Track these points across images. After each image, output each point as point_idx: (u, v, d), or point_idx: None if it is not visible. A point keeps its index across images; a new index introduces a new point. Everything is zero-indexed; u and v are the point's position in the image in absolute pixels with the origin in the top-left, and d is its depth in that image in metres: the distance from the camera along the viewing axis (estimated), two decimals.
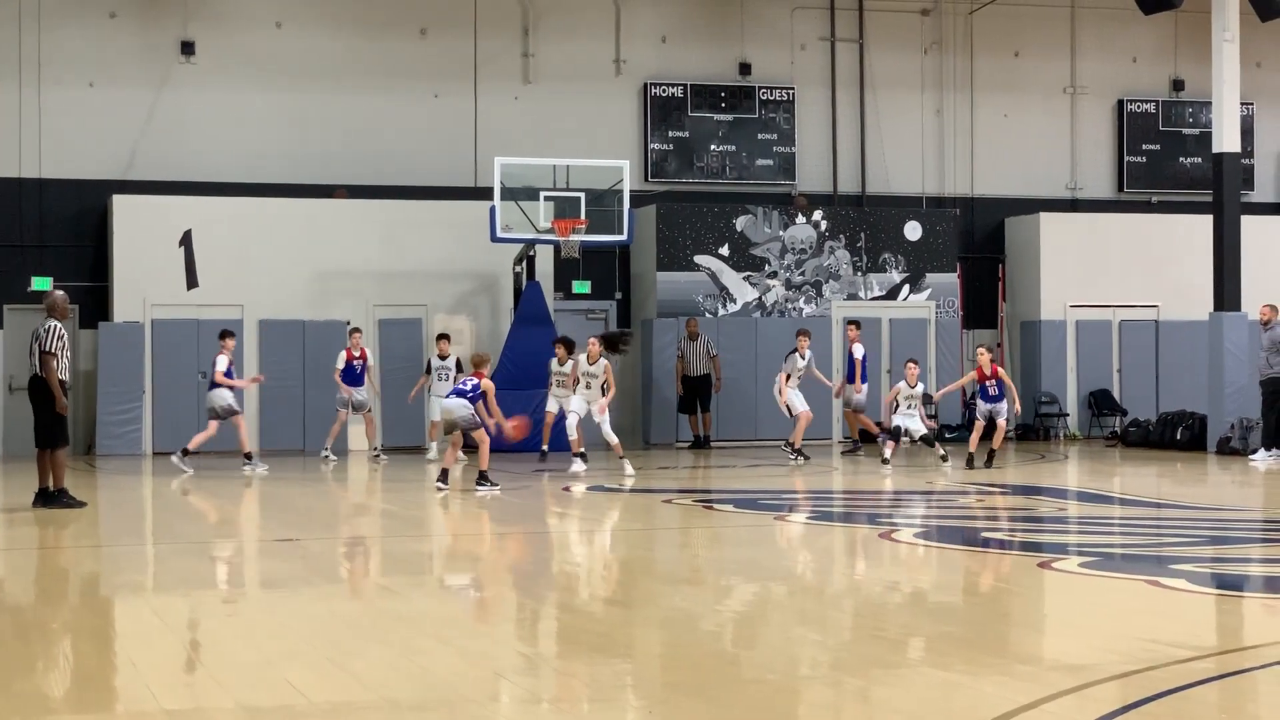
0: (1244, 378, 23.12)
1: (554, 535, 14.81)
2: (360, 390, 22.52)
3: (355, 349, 22.53)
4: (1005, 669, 7.80)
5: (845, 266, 26.80)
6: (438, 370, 22.71)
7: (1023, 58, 29.05)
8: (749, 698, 7.27)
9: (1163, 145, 29.44)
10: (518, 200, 23.77)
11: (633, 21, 27.30)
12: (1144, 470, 21.16)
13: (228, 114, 25.66)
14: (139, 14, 25.47)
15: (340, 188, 25.68)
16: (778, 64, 27.91)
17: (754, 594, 10.72)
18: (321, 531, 15.02)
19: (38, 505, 15.74)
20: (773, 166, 27.76)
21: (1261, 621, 9.58)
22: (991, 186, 28.82)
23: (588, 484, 18.72)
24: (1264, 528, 14.54)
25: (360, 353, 22.50)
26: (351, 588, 11.38)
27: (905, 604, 10.23)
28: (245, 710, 6.97)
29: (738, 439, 24.67)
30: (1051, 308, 27.53)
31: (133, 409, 24.18)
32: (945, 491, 18.20)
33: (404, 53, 26.37)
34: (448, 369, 22.69)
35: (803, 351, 22.44)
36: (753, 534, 14.32)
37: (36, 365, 15.74)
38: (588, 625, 9.47)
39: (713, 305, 26.17)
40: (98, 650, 8.77)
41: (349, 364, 22.44)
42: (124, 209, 24.49)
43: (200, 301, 24.59)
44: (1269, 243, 27.21)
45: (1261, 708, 7.24)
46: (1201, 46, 25.37)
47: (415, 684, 7.52)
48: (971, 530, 14.30)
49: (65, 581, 11.72)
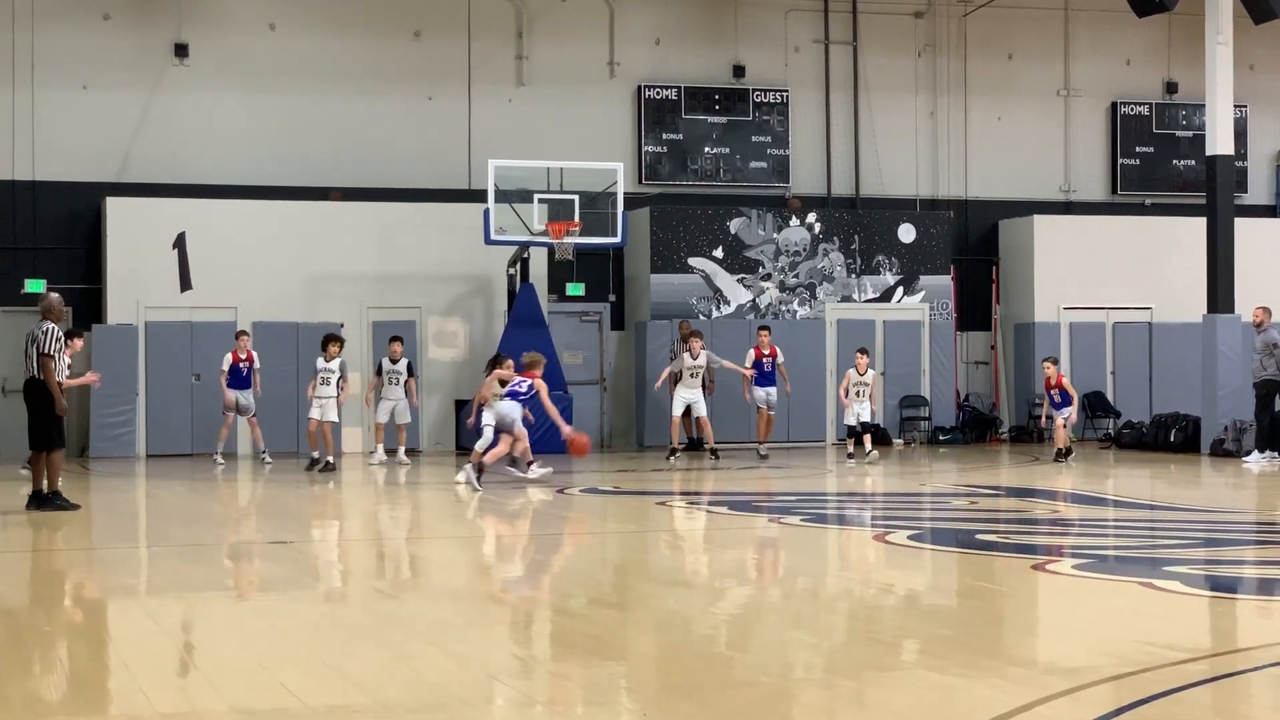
0: (1237, 380, 23.15)
1: (548, 537, 14.80)
2: (246, 393, 22.50)
3: (242, 351, 22.49)
4: (999, 671, 7.80)
5: (839, 269, 26.81)
6: (388, 374, 22.45)
7: (1016, 60, 29.07)
8: (743, 700, 7.27)
9: (1156, 148, 29.46)
10: (512, 203, 23.77)
11: (626, 24, 27.31)
12: (1137, 472, 21.17)
13: (221, 116, 25.65)
14: (133, 16, 25.45)
15: (334, 190, 25.67)
16: (772, 66, 27.92)
17: (748, 596, 10.72)
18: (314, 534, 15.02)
19: (32, 508, 15.72)
20: (767, 169, 27.77)
21: (1255, 623, 9.60)
22: (985, 189, 28.84)
23: (582, 486, 18.71)
24: (1257, 530, 14.56)
25: (247, 355, 22.45)
26: (345, 590, 11.38)
27: (899, 606, 10.23)
28: (239, 713, 6.97)
29: (732, 441, 24.64)
30: (1045, 310, 27.54)
31: (126, 411, 24.16)
32: (939, 493, 18.21)
33: (398, 55, 26.37)
34: (399, 373, 22.49)
35: (695, 352, 22.69)
36: (747, 536, 14.32)
37: (33, 368, 15.73)
38: (582, 628, 9.47)
39: (706, 307, 26.17)
40: (91, 653, 8.76)
41: (234, 366, 22.42)
42: (117, 211, 24.48)
43: (194, 304, 24.58)
44: (1262, 245, 27.24)
45: (1255, 710, 7.25)
46: (1195, 49, 25.41)
47: (409, 687, 7.51)
48: (966, 532, 14.30)
49: (59, 584, 11.71)
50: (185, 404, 24.44)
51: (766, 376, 23.42)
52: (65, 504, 15.77)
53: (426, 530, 15.58)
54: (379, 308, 25.27)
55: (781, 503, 17.32)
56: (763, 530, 14.65)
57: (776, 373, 23.41)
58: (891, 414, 26.71)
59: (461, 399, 25.13)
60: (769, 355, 23.38)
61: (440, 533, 15.35)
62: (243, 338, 22.72)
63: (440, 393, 25.47)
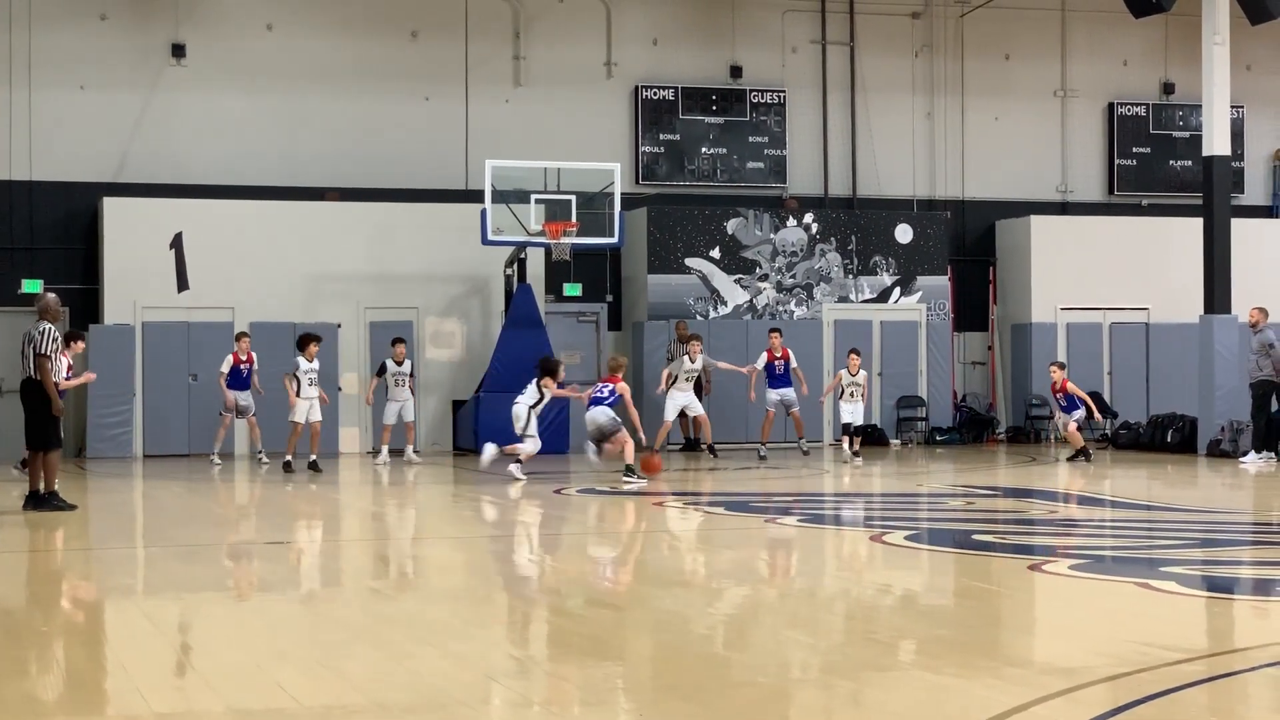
0: (1234, 380, 23.16)
1: (544, 537, 14.80)
2: (245, 395, 22.53)
3: (243, 353, 22.51)
4: (996, 671, 7.80)
5: (836, 269, 26.82)
6: (394, 375, 22.53)
7: (1013, 61, 29.08)
8: (740, 701, 7.27)
9: (1153, 148, 29.48)
10: (509, 203, 23.76)
11: (623, 24, 27.31)
12: (1134, 473, 21.18)
13: (219, 116, 25.65)
14: (130, 16, 25.45)
15: (331, 190, 25.66)
16: (769, 67, 27.93)
17: (745, 596, 10.73)
18: (311, 534, 15.02)
19: (28, 508, 15.72)
20: (763, 169, 27.78)
21: (1251, 624, 9.60)
22: (982, 189, 28.85)
23: (578, 486, 18.71)
24: (1254, 530, 14.57)
25: (248, 357, 22.48)
26: (341, 590, 11.37)
27: (896, 606, 10.23)
28: (235, 713, 6.97)
29: (729, 441, 24.66)
30: (1042, 310, 27.56)
31: (123, 412, 24.16)
32: (936, 494, 18.22)
33: (395, 55, 26.36)
34: (404, 374, 22.64)
35: (694, 356, 22.71)
36: (744, 536, 14.32)
37: (30, 368, 15.72)
38: (578, 628, 9.47)
39: (704, 308, 26.18)
40: (88, 653, 8.76)
41: (235, 368, 22.44)
42: (114, 211, 24.48)
43: (191, 304, 24.59)
44: (1259, 246, 27.27)
45: (1251, 710, 7.25)
46: (1192, 49, 25.44)
47: (406, 687, 7.51)
48: (962, 533, 14.31)
49: (56, 584, 11.71)
50: (182, 404, 24.45)
51: (780, 379, 23.34)
52: (62, 504, 15.76)
53: (424, 531, 15.58)
54: (376, 308, 25.28)
55: (779, 503, 17.32)
56: (760, 531, 14.65)
57: (791, 375, 23.36)
58: (889, 414, 26.73)
59: (459, 399, 25.15)
60: (781, 357, 23.33)
61: (438, 533, 15.35)
62: (243, 339, 22.71)
63: (438, 393, 25.48)
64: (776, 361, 23.32)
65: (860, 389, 22.88)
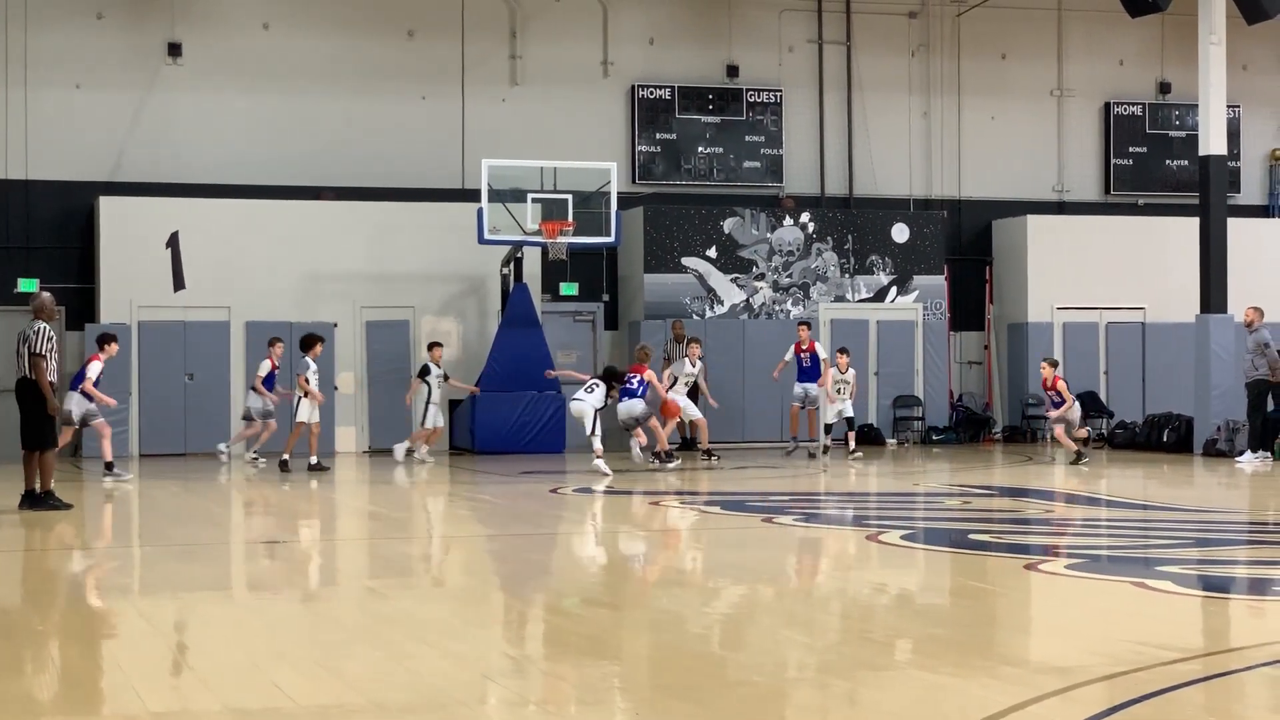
0: (1230, 380, 23.17)
1: (541, 537, 14.80)
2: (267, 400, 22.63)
3: (277, 359, 22.56)
4: (992, 671, 7.81)
5: (833, 269, 26.83)
6: (436, 377, 23.14)
7: (1010, 60, 29.09)
8: (737, 700, 7.28)
9: (1149, 148, 29.50)
10: (505, 202, 23.77)
11: (620, 23, 27.31)
12: (1130, 472, 21.19)
13: (215, 116, 25.63)
14: (126, 15, 25.43)
15: (327, 190, 25.65)
16: (765, 66, 27.93)
17: (741, 596, 10.73)
18: (308, 533, 15.02)
19: (24, 507, 15.71)
20: (760, 168, 27.77)
21: (1247, 623, 9.61)
22: (979, 189, 28.86)
23: (574, 486, 18.72)
24: (1250, 530, 14.58)
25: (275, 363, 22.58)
26: (339, 590, 11.37)
27: (892, 606, 10.24)
28: (232, 712, 6.97)
29: (726, 441, 24.65)
30: (1038, 310, 27.57)
31: (119, 411, 24.10)
32: (932, 493, 18.22)
33: (391, 55, 26.36)
34: (442, 375, 23.28)
35: (694, 359, 22.84)
36: (740, 536, 14.32)
37: (25, 367, 15.71)
38: (575, 627, 9.48)
39: (700, 307, 26.18)
40: (84, 652, 8.76)
41: (271, 373, 22.51)
42: (110, 210, 24.46)
43: (187, 303, 24.57)
44: (1255, 245, 27.29)
45: (1247, 709, 7.26)
46: (1188, 49, 25.43)
47: (403, 686, 7.51)
48: (959, 532, 14.32)
49: (51, 584, 11.70)
50: (179, 403, 24.43)
51: (806, 372, 23.69)
52: (58, 504, 15.76)
53: (422, 530, 15.57)
54: (372, 307, 25.27)
55: (775, 502, 17.32)
56: (756, 530, 14.65)
57: (819, 368, 23.60)
58: (885, 414, 26.74)
59: (455, 400, 25.12)
60: (808, 350, 23.64)
61: (436, 533, 15.34)
62: (278, 344, 22.63)
63: None
64: (803, 354, 23.60)
65: (849, 386, 23.27)
